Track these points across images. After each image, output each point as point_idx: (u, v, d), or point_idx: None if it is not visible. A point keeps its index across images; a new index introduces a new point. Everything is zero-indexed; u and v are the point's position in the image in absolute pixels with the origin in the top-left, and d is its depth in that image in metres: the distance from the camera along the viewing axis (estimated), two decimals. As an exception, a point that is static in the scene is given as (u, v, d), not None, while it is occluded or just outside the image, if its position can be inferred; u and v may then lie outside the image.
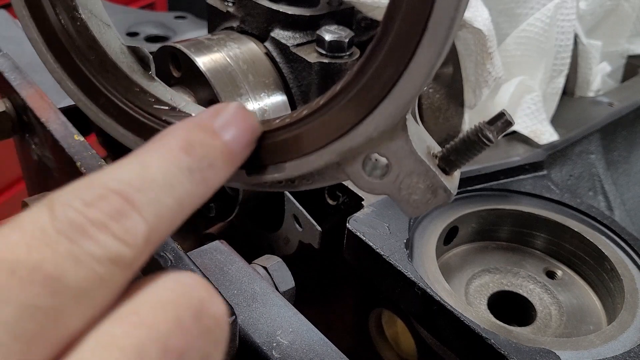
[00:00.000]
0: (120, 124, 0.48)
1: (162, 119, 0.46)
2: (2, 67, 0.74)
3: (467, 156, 0.40)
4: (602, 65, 1.02)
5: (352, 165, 0.40)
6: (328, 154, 0.39)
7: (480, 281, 0.68)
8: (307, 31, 0.77)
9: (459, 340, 0.57)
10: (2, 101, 0.74)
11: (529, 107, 0.84)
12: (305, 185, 0.43)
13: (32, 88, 0.70)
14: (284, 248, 0.82)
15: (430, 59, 0.34)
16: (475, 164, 0.77)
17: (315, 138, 0.39)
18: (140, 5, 2.26)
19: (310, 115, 0.39)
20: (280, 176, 0.42)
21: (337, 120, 0.38)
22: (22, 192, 0.97)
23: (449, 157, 0.40)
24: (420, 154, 0.39)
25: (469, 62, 0.80)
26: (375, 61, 0.36)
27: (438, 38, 0.34)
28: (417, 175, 0.39)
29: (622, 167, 0.96)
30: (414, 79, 0.35)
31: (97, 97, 0.49)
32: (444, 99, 0.78)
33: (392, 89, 0.36)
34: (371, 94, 0.36)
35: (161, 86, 0.51)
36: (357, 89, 0.37)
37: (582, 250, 0.69)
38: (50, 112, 0.66)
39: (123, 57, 0.51)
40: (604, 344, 0.57)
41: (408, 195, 0.40)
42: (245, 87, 0.75)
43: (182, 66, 0.78)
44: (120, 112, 0.48)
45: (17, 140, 0.80)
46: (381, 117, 0.37)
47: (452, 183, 0.41)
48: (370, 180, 0.41)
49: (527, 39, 0.84)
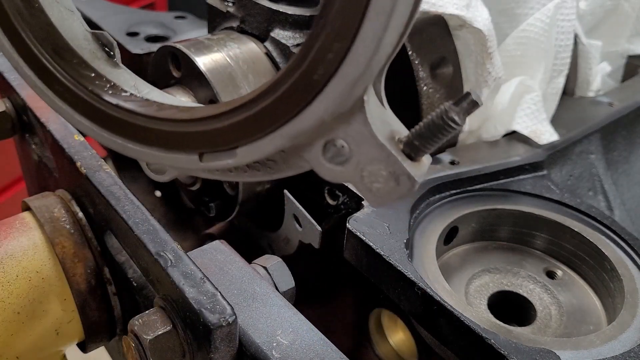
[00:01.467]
0: (76, 110, 0.47)
1: (115, 104, 0.45)
2: (2, 67, 0.74)
3: (432, 141, 0.37)
4: (602, 65, 1.02)
5: (311, 151, 0.38)
6: (279, 138, 0.37)
7: (480, 281, 0.68)
8: (307, 31, 0.77)
9: (459, 340, 0.56)
10: (2, 101, 0.74)
11: (529, 107, 0.84)
12: (266, 174, 0.41)
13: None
14: (284, 248, 0.82)
15: (376, 33, 0.32)
16: (476, 164, 0.77)
17: (264, 122, 0.37)
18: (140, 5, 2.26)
19: (258, 98, 0.37)
20: (232, 162, 0.40)
21: (285, 103, 0.36)
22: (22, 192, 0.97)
23: (413, 142, 0.37)
24: (381, 138, 0.36)
25: (469, 62, 0.80)
26: (318, 39, 0.34)
27: (383, 9, 0.31)
28: (378, 161, 0.37)
29: (622, 167, 0.96)
30: (362, 55, 0.33)
31: (52, 82, 0.48)
32: (444, 99, 0.78)
33: (339, 67, 0.33)
34: (317, 73, 0.34)
35: (126, 73, 0.50)
36: (302, 69, 0.35)
37: (582, 250, 0.69)
38: (50, 112, 0.66)
39: (86, 44, 0.49)
40: (604, 344, 0.57)
41: (370, 184, 0.38)
42: (245, 87, 0.75)
43: (182, 66, 0.78)
44: (75, 98, 0.47)
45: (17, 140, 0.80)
46: (330, 98, 0.35)
47: (419, 170, 0.38)
48: (330, 167, 0.38)
49: (527, 39, 0.84)
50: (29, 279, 0.60)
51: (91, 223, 0.62)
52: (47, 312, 0.60)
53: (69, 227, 0.62)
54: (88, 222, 0.63)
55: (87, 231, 0.62)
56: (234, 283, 0.55)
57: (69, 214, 0.63)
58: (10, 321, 0.58)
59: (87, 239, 0.62)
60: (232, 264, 0.57)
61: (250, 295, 0.54)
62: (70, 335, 0.63)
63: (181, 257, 0.49)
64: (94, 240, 0.62)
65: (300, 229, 0.77)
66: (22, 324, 0.59)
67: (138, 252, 0.52)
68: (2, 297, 0.58)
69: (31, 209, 0.64)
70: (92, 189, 0.58)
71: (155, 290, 0.52)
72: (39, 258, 0.61)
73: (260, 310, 0.52)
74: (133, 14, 1.08)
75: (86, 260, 0.62)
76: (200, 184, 0.82)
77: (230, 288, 0.54)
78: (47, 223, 0.62)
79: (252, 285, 0.55)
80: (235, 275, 0.56)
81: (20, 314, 0.59)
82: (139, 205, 0.55)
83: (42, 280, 0.60)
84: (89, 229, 0.62)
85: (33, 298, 0.59)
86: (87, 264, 0.62)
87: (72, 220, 0.63)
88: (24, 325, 0.59)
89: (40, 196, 0.66)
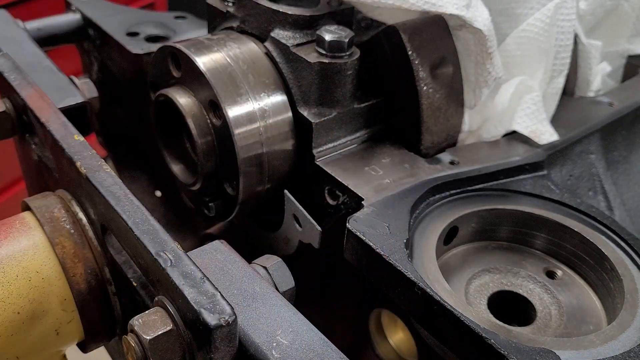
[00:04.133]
0: None
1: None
2: (2, 67, 0.74)
3: None
4: (602, 65, 1.02)
5: None
6: None
7: (480, 281, 0.68)
8: (307, 31, 0.77)
9: (459, 340, 0.56)
10: (2, 101, 0.74)
11: (529, 107, 0.84)
12: None
13: (32, 88, 0.70)
14: (284, 248, 0.82)
15: None
16: (475, 164, 0.77)
17: None
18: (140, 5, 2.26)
19: None
20: None
21: None
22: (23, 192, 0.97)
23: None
24: None
25: (469, 62, 0.80)
26: None
27: None
28: None
29: (622, 167, 0.96)
30: None
31: None
32: (444, 99, 0.78)
33: None
34: None
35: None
36: None
37: (582, 250, 0.69)
38: (50, 112, 0.65)
39: None
40: (604, 344, 0.57)
41: None
42: (245, 87, 0.75)
43: (182, 66, 0.78)
44: None
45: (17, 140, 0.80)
46: None
47: None
48: None
49: (527, 39, 0.84)
50: (29, 279, 0.59)
51: (91, 223, 0.62)
52: (47, 312, 0.60)
53: (69, 227, 0.62)
54: (88, 222, 0.63)
55: (87, 231, 0.62)
56: (233, 283, 0.55)
57: (69, 214, 0.63)
58: (10, 321, 0.58)
59: (87, 239, 0.62)
60: (232, 264, 0.57)
61: (250, 295, 0.54)
62: (70, 335, 0.63)
63: (181, 257, 0.49)
64: (94, 240, 0.62)
65: (300, 229, 0.77)
66: (22, 324, 0.59)
67: (138, 252, 0.52)
68: (2, 297, 0.58)
69: (31, 209, 0.64)
70: (92, 189, 0.57)
71: (155, 290, 0.52)
72: (39, 258, 0.61)
73: (260, 310, 0.52)
74: (133, 14, 1.09)
75: (86, 260, 0.62)
76: (201, 184, 0.82)
77: (230, 288, 0.54)
78: (47, 223, 0.62)
79: (252, 285, 0.55)
80: (235, 275, 0.56)
81: (20, 314, 0.59)
82: (139, 205, 0.55)
83: (42, 281, 0.60)
84: (89, 229, 0.62)
85: (33, 298, 0.59)
86: (87, 264, 0.62)
87: (72, 221, 0.63)
88: (24, 325, 0.59)
89: (40, 196, 0.66)
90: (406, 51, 0.75)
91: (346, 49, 0.73)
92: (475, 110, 0.82)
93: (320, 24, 0.77)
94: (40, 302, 0.60)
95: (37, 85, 0.71)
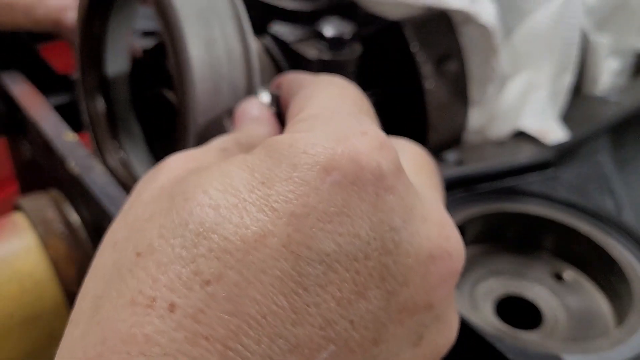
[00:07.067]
0: None
1: None
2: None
3: None
4: (610, 62, 1.01)
5: None
6: None
7: (486, 284, 0.67)
8: (307, 27, 0.76)
9: (464, 344, 0.55)
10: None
11: (536, 106, 0.83)
12: None
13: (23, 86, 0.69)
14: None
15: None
16: (481, 163, 0.76)
17: None
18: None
19: None
20: None
21: None
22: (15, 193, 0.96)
23: None
24: None
25: (474, 57, 0.78)
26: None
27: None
28: None
29: (632, 166, 0.95)
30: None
31: None
32: (449, 96, 0.77)
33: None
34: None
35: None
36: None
37: (590, 253, 0.67)
38: (41, 111, 0.64)
39: None
40: (613, 348, 0.56)
41: None
42: (244, 85, 0.74)
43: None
44: None
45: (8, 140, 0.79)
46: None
47: None
48: None
49: (533, 35, 0.83)
50: (21, 282, 0.59)
51: (85, 224, 0.62)
52: (39, 315, 0.59)
53: (62, 228, 0.62)
54: (82, 222, 0.62)
55: (80, 232, 0.61)
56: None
57: (62, 214, 0.62)
58: (3, 325, 0.58)
59: (80, 241, 0.61)
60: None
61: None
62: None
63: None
64: (88, 241, 0.61)
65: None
66: (15, 328, 0.58)
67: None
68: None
69: (23, 209, 0.63)
70: (85, 189, 0.57)
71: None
72: (31, 260, 0.60)
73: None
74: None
75: (79, 262, 0.61)
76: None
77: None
78: (39, 224, 0.61)
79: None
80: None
81: (13, 317, 0.58)
82: (132, 206, 0.53)
83: (35, 283, 0.59)
84: (82, 230, 0.61)
85: (26, 301, 0.59)
86: (80, 266, 0.61)
87: (65, 221, 0.62)
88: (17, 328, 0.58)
89: (32, 197, 0.65)
90: (410, 48, 0.73)
91: (347, 45, 0.72)
92: (480, 108, 0.81)
93: (321, 20, 0.75)
94: (32, 305, 0.59)
95: (29, 83, 0.70)
